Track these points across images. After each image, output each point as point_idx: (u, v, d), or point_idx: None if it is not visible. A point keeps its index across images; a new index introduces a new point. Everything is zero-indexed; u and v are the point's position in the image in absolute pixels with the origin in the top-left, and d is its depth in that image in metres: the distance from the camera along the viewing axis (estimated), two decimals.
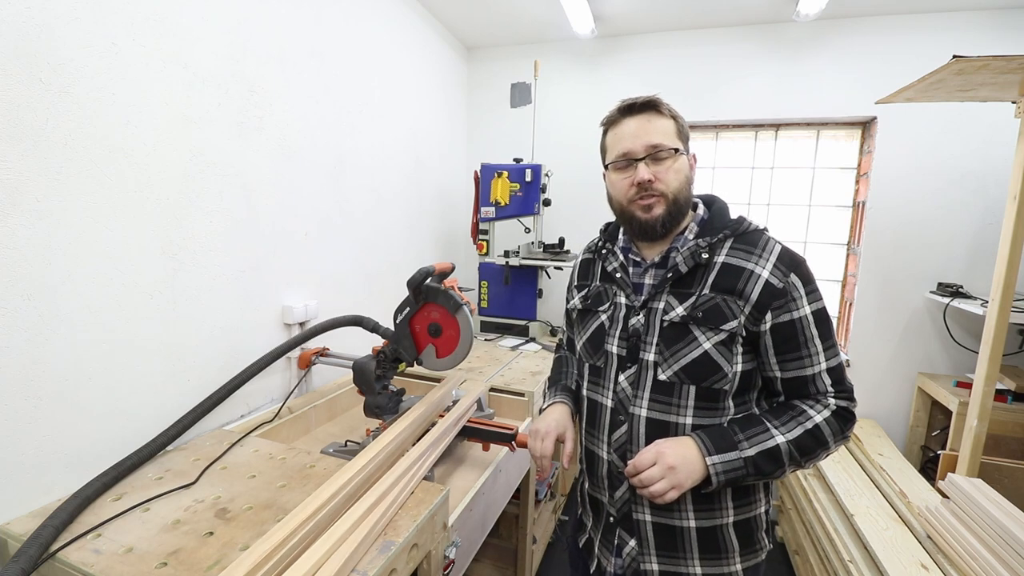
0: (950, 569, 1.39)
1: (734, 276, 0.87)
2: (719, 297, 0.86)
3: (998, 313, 1.52)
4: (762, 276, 0.85)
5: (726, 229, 0.91)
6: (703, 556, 0.90)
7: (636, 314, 0.93)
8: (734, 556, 0.91)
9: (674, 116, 0.92)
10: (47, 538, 0.81)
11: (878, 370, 2.44)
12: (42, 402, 0.96)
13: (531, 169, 2.37)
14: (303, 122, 1.61)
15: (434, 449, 1.20)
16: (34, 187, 0.92)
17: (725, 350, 0.86)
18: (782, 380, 0.88)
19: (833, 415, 0.84)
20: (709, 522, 0.90)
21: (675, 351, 0.88)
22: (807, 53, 2.37)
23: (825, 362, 0.86)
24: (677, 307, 0.89)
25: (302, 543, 0.80)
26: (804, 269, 0.87)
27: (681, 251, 0.91)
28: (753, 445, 0.82)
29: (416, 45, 2.33)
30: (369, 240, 2.03)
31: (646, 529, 0.92)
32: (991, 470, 1.67)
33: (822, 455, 0.85)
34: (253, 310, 1.46)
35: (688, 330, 0.87)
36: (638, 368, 0.91)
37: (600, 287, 1.02)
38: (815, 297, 0.86)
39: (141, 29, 1.09)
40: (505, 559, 1.98)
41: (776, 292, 0.84)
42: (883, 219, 2.34)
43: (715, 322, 0.85)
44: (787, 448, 0.82)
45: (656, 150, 0.88)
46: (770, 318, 0.85)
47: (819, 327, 0.85)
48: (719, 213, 0.95)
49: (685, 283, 0.90)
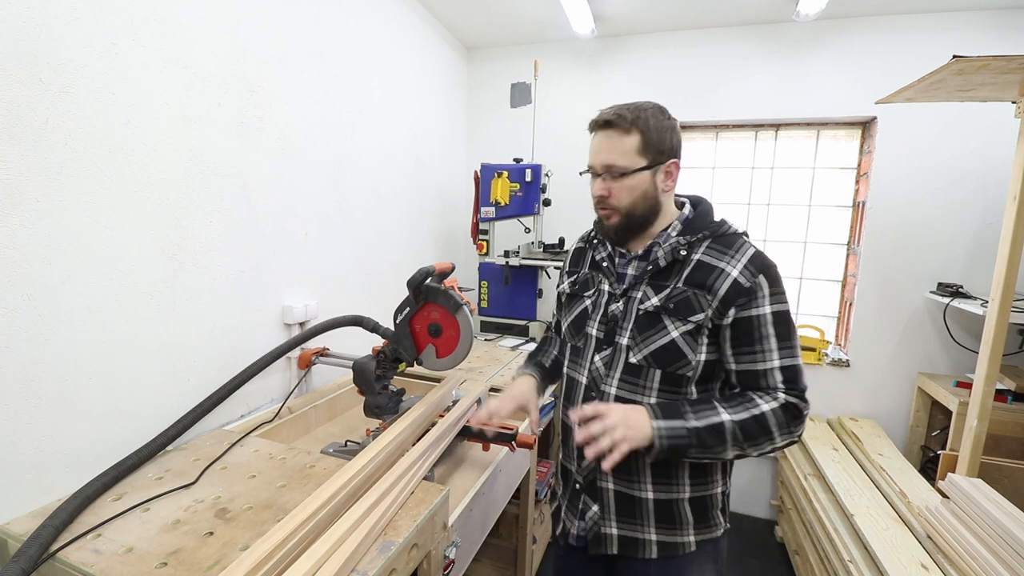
0: (950, 569, 1.39)
1: (706, 272, 0.94)
2: (690, 291, 0.94)
3: (998, 313, 1.52)
4: (732, 275, 0.92)
5: (706, 230, 0.98)
6: (659, 525, 0.99)
7: (616, 301, 1.01)
8: (688, 528, 0.99)
9: (643, 130, 0.94)
10: (47, 538, 0.81)
11: (878, 370, 2.44)
12: (42, 402, 0.95)
13: (531, 169, 2.37)
14: (303, 122, 1.61)
15: (434, 449, 1.20)
16: (34, 187, 0.92)
17: (691, 340, 0.93)
18: (736, 372, 0.94)
19: (781, 408, 0.89)
20: (666, 495, 0.98)
21: (646, 337, 0.96)
22: (807, 53, 2.38)
23: (778, 360, 0.91)
24: (653, 297, 0.97)
25: (302, 543, 0.80)
26: (772, 273, 0.93)
27: (663, 247, 0.99)
28: (700, 418, 0.88)
29: (416, 45, 2.33)
30: (369, 240, 2.03)
31: (608, 496, 1.01)
32: (991, 470, 1.67)
33: (766, 445, 0.89)
34: (253, 310, 1.46)
35: (660, 319, 0.95)
36: (613, 350, 1.00)
37: (588, 274, 1.11)
38: (779, 300, 0.92)
39: (141, 29, 1.09)
40: (505, 559, 1.98)
41: (742, 290, 0.91)
42: (883, 219, 2.34)
43: (684, 313, 0.93)
44: (731, 427, 0.88)
45: (609, 170, 0.96)
46: (733, 313, 0.91)
47: (777, 327, 0.91)
48: (703, 215, 1.02)
49: (663, 276, 0.98)
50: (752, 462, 2.69)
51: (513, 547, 1.93)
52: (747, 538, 2.55)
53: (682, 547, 1.00)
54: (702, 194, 1.10)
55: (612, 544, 1.02)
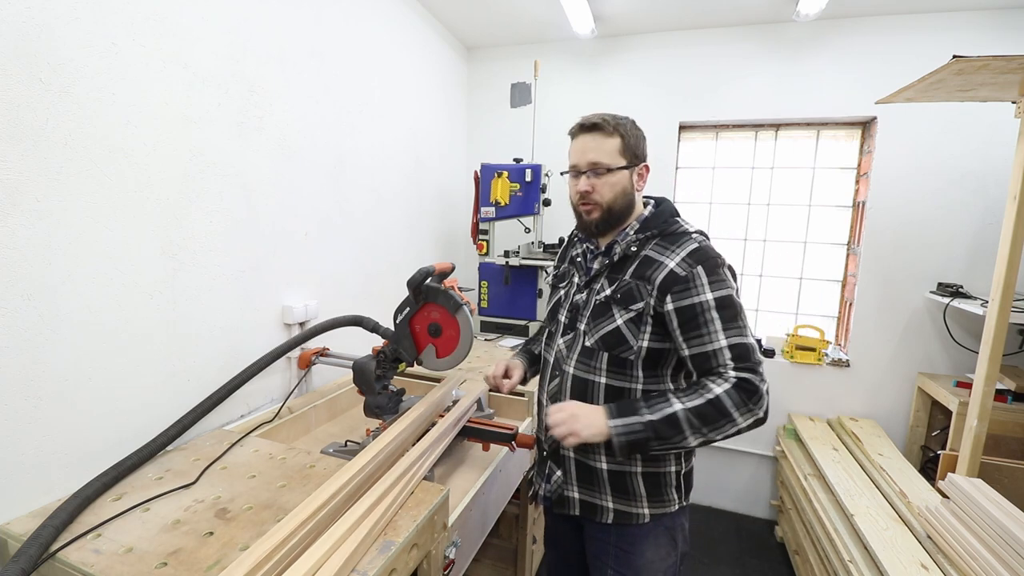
0: (950, 569, 1.39)
1: (648, 266, 1.04)
2: (634, 282, 1.04)
3: (998, 313, 1.52)
4: (668, 266, 1.01)
5: (656, 229, 1.08)
6: (614, 494, 1.09)
7: (580, 292, 1.14)
8: (641, 501, 1.08)
9: (623, 134, 1.06)
10: (47, 538, 0.81)
11: (878, 370, 2.44)
12: (42, 402, 0.95)
13: (531, 169, 2.37)
14: (303, 122, 1.61)
15: (434, 449, 1.20)
16: (34, 187, 0.92)
17: (633, 327, 1.03)
18: (689, 357, 1.00)
19: (734, 387, 0.93)
20: (618, 467, 1.08)
21: (597, 324, 1.07)
22: (807, 53, 2.38)
23: (725, 340, 0.96)
24: (607, 289, 1.08)
25: (302, 543, 0.80)
26: (712, 264, 1.00)
27: (620, 243, 1.09)
28: (653, 412, 0.94)
29: (416, 45, 2.33)
30: (369, 240, 2.03)
31: (570, 464, 1.13)
32: (991, 470, 1.67)
33: (728, 427, 0.93)
34: (253, 310, 1.46)
35: (609, 308, 1.06)
36: (574, 335, 1.12)
37: (566, 268, 1.24)
38: (719, 287, 0.99)
39: (141, 29, 1.09)
40: (505, 559, 1.98)
41: (678, 279, 0.99)
42: (883, 219, 2.34)
43: (627, 303, 1.04)
44: (684, 414, 0.93)
45: (594, 168, 1.06)
46: (670, 300, 0.99)
47: (720, 311, 0.97)
48: (658, 215, 1.11)
49: (618, 270, 1.09)
50: (752, 463, 2.69)
51: (513, 547, 1.93)
52: (747, 538, 2.55)
53: (636, 517, 1.09)
54: (702, 194, 1.16)
55: (575, 506, 1.13)
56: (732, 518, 2.72)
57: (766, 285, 2.72)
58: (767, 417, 0.95)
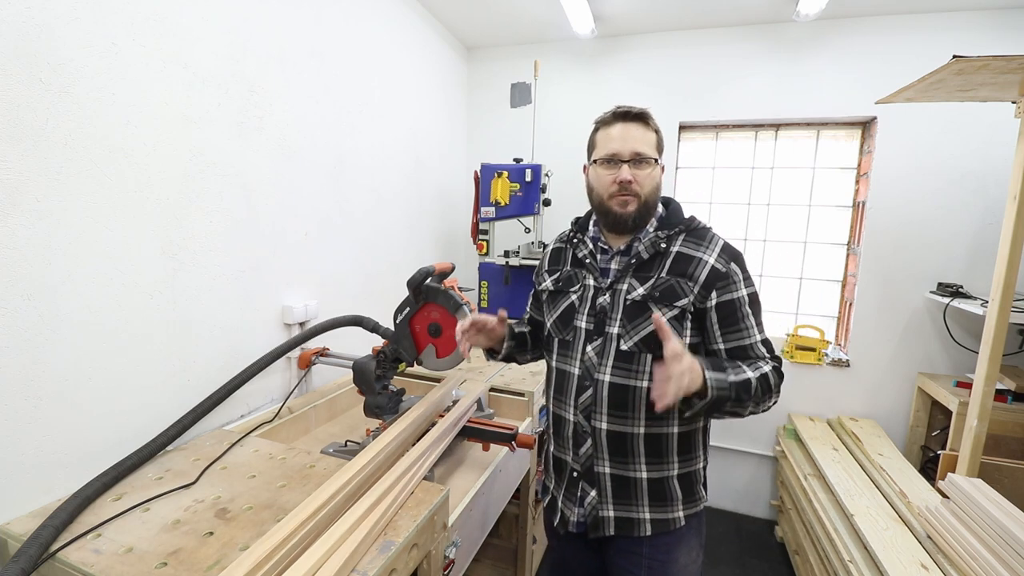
0: (950, 569, 1.39)
1: (686, 262, 1.03)
2: (673, 279, 1.02)
3: (998, 313, 1.52)
4: (709, 262, 1.02)
5: (680, 225, 1.07)
6: (652, 503, 1.05)
7: (603, 294, 1.07)
8: (677, 504, 1.06)
9: (656, 130, 1.07)
10: (47, 538, 0.81)
11: (878, 370, 2.44)
12: (42, 402, 0.95)
13: (531, 169, 2.37)
14: (303, 122, 1.61)
15: (434, 449, 1.20)
16: (34, 187, 0.92)
17: (677, 324, 1.00)
18: (726, 350, 1.02)
19: (773, 371, 0.99)
20: (658, 474, 1.05)
21: (635, 325, 1.02)
22: (807, 53, 2.37)
23: (759, 335, 1.02)
24: (639, 288, 1.04)
25: (302, 543, 0.80)
26: (741, 260, 1.05)
27: (643, 241, 1.06)
28: (736, 374, 0.95)
29: (416, 45, 2.33)
30: (369, 240, 2.03)
31: (605, 480, 1.06)
32: (991, 470, 1.67)
33: (768, 402, 0.99)
34: (253, 310, 1.46)
35: (647, 307, 1.02)
36: (603, 340, 1.06)
37: (571, 271, 1.16)
38: (749, 283, 1.03)
39: (141, 29, 1.09)
40: (505, 559, 1.98)
41: (720, 275, 1.01)
42: (883, 219, 2.34)
43: (670, 299, 1.01)
44: (755, 384, 0.95)
45: (639, 157, 1.03)
46: (715, 296, 1.01)
47: (752, 307, 1.02)
48: (674, 212, 1.11)
49: (645, 268, 1.05)
50: (752, 463, 2.69)
51: (513, 547, 1.93)
52: (747, 538, 2.55)
53: (672, 523, 1.06)
54: (702, 194, 1.16)
55: (609, 526, 1.07)
56: (732, 518, 2.72)
57: (766, 285, 2.72)
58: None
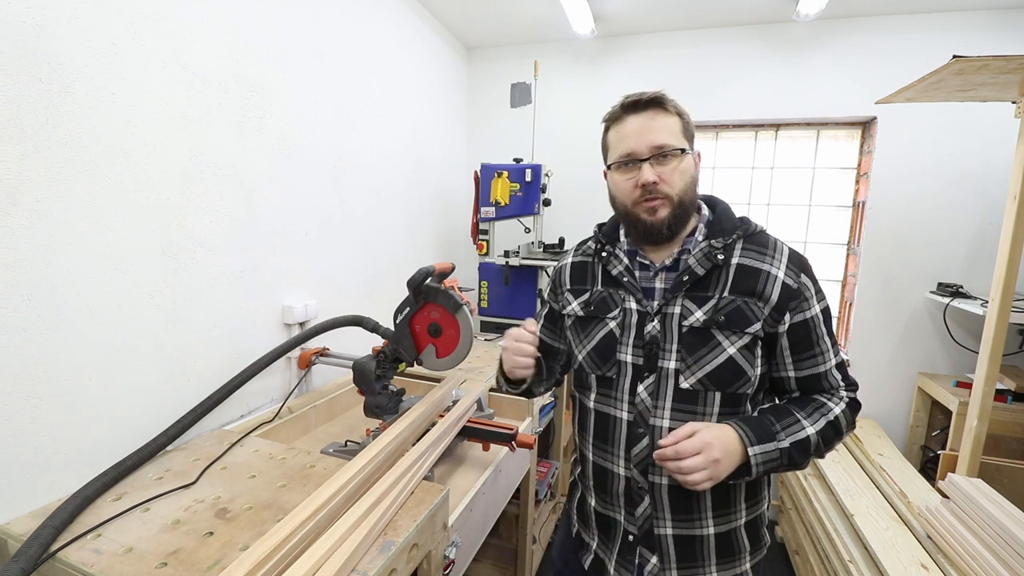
0: (950, 569, 1.39)
1: (752, 277, 0.85)
2: (740, 300, 0.84)
3: (998, 313, 1.52)
4: (779, 277, 0.84)
5: (737, 230, 0.88)
6: (719, 561, 0.90)
7: (651, 320, 0.88)
8: (745, 555, 0.91)
9: (679, 113, 0.88)
10: (47, 538, 0.81)
11: (878, 370, 2.44)
12: (42, 402, 0.95)
13: (531, 169, 2.37)
14: (303, 122, 1.61)
15: (434, 449, 1.20)
16: (34, 187, 0.92)
17: (748, 354, 0.84)
18: (796, 379, 0.88)
19: (847, 406, 0.87)
20: (726, 526, 0.89)
21: (698, 358, 0.84)
22: (807, 53, 2.37)
23: (834, 359, 0.88)
24: (696, 311, 0.85)
25: (302, 543, 0.80)
26: (810, 269, 0.88)
27: (693, 253, 0.87)
28: (788, 436, 0.82)
29: (416, 45, 2.33)
30: (369, 240, 2.03)
31: (667, 543, 0.89)
32: (991, 470, 1.67)
33: (836, 444, 0.86)
34: (253, 310, 1.46)
35: (711, 335, 0.84)
36: (657, 377, 0.87)
37: (604, 292, 0.95)
38: (821, 296, 0.88)
39: (141, 29, 1.09)
40: (505, 559, 1.98)
41: (792, 293, 0.84)
42: (883, 219, 2.34)
43: (739, 325, 0.83)
44: (815, 439, 0.82)
45: (661, 150, 0.85)
46: (788, 319, 0.85)
47: (826, 325, 0.88)
48: (725, 213, 0.92)
49: (701, 286, 0.87)
50: None
51: (513, 547, 1.93)
52: None
53: None
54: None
55: None
56: None
57: None
58: None
